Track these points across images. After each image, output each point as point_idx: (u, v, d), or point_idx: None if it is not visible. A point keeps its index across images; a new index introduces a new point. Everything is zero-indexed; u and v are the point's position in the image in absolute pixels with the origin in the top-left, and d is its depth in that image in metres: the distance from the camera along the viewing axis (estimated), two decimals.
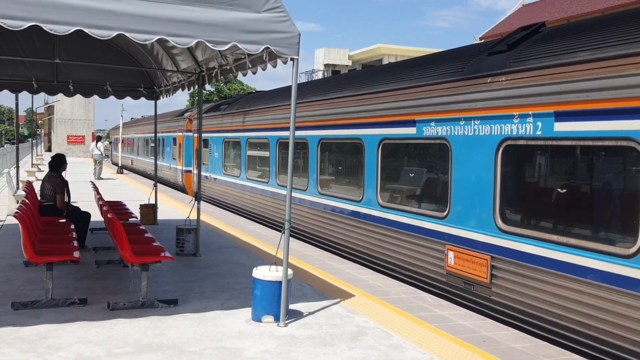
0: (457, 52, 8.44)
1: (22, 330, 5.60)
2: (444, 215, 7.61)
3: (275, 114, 13.45)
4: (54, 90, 12.28)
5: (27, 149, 50.96)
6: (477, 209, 7.05)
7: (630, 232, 5.31)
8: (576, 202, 6.19)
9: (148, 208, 12.94)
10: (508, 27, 29.76)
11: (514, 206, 6.83)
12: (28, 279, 7.61)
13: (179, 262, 8.83)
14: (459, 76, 7.46)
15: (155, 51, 10.43)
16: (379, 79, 9.66)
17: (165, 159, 26.47)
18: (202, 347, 5.30)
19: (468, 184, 7.22)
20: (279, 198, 13.15)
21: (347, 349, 5.39)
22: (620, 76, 5.36)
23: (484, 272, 6.88)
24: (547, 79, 6.11)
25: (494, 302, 6.81)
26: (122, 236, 6.37)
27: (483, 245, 6.93)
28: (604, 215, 5.86)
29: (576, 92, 5.79)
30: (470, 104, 7.16)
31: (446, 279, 7.58)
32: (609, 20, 6.14)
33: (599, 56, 5.62)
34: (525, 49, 6.74)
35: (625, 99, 5.30)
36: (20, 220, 6.25)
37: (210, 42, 5.62)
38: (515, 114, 6.49)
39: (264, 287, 6.05)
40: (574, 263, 5.78)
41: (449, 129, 7.52)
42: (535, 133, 6.24)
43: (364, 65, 44.57)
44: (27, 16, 4.96)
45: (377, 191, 9.21)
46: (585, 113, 5.68)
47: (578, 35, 6.21)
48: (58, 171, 9.88)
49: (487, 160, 6.89)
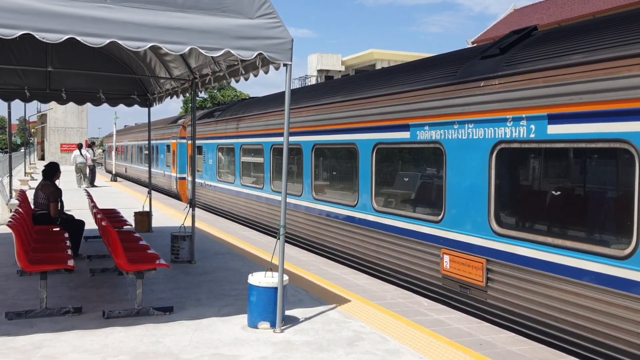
0: (450, 56, 8.47)
1: (17, 339, 5.56)
2: (439, 219, 7.62)
3: (269, 119, 13.47)
4: (47, 99, 12.23)
5: (20, 158, 50.74)
6: (472, 212, 7.06)
7: (624, 233, 5.33)
8: (570, 204, 6.21)
9: (142, 215, 12.90)
10: (500, 31, 29.93)
11: (509, 209, 6.84)
12: (22, 288, 7.56)
13: (174, 270, 8.80)
14: (452, 80, 7.47)
15: (148, 58, 10.42)
16: (372, 83, 9.68)
17: (159, 166, 26.43)
18: (198, 355, 5.27)
19: (463, 188, 7.22)
20: (274, 204, 13.14)
21: (344, 355, 5.38)
22: (613, 78, 5.38)
23: (479, 276, 6.89)
24: (540, 82, 6.13)
25: (490, 305, 6.82)
26: (117, 244, 6.34)
27: (478, 249, 6.93)
28: (598, 217, 5.88)
29: (569, 94, 5.80)
30: (464, 107, 7.17)
31: (442, 283, 7.58)
32: (601, 23, 6.18)
33: (592, 59, 5.63)
34: (518, 52, 6.76)
35: (618, 101, 5.31)
36: (13, 229, 6.22)
37: (204, 48, 5.63)
38: (508, 117, 6.51)
39: (259, 293, 6.03)
40: (569, 265, 5.79)
41: (443, 133, 7.53)
42: (529, 136, 6.26)
43: (357, 70, 44.67)
44: (19, 24, 4.95)
45: (371, 196, 9.22)
46: (579, 115, 5.70)
47: (570, 38, 6.23)
48: (52, 180, 9.85)
49: (481, 163, 6.91)
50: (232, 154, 16.20)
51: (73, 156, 26.75)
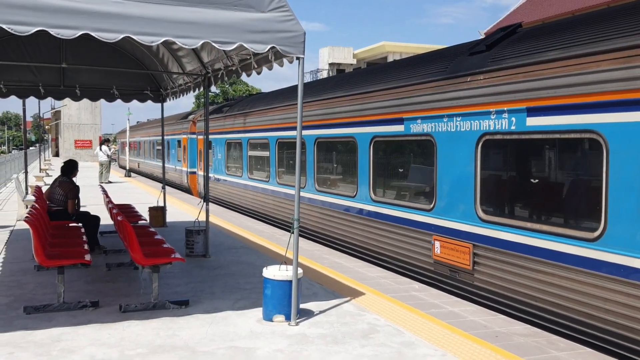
0: (442, 53, 8.84)
1: (35, 334, 5.63)
2: (431, 208, 8.05)
3: (274, 114, 13.94)
4: (61, 95, 12.33)
5: (35, 154, 51.19)
6: (460, 200, 7.48)
7: (594, 217, 5.73)
8: (548, 191, 6.59)
9: (157, 210, 12.99)
10: (512, 22, 29.65)
11: (493, 197, 7.22)
12: (39, 283, 7.65)
13: (189, 264, 8.85)
14: (442, 76, 7.85)
15: (161, 54, 10.46)
16: (370, 79, 10.06)
17: (170, 161, 26.70)
18: (214, 347, 5.31)
19: (452, 177, 7.64)
20: (279, 196, 13.65)
21: (359, 347, 5.39)
22: (583, 73, 5.75)
23: (466, 260, 7.32)
24: (520, 77, 6.51)
25: (477, 287, 7.22)
26: (133, 238, 6.39)
27: (466, 235, 7.36)
28: (571, 202, 6.32)
29: (545, 88, 6.18)
30: (453, 101, 7.55)
31: (434, 268, 8.01)
32: (577, 22, 6.50)
33: (564, 55, 6.04)
34: (502, 49, 7.10)
35: (588, 94, 5.71)
36: (30, 224, 6.28)
37: (217, 42, 5.63)
38: (492, 110, 6.89)
39: (274, 286, 6.05)
40: (547, 248, 6.19)
41: (434, 126, 7.94)
42: (510, 128, 6.65)
43: (368, 63, 44.47)
44: (33, 21, 4.98)
45: (369, 187, 9.65)
46: (554, 108, 6.09)
47: (549, 35, 6.58)
48: (70, 176, 9.91)
49: (468, 154, 7.31)
50: (240, 149, 16.68)
51: (96, 152, 27.44)
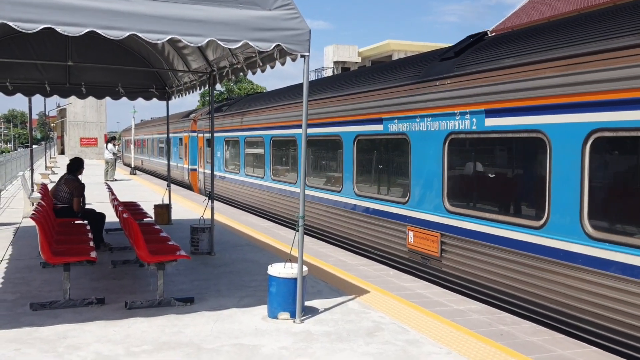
0: (417, 58, 9.64)
1: (41, 330, 5.66)
2: (406, 201, 8.78)
3: (269, 114, 14.53)
4: (67, 93, 12.35)
5: (40, 152, 51.36)
6: (430, 193, 8.20)
7: (540, 207, 6.42)
8: (503, 185, 7.30)
9: (162, 208, 13.02)
10: (517, 20, 29.56)
11: (458, 190, 7.86)
12: (45, 280, 7.68)
13: (194, 261, 8.88)
14: (415, 80, 8.54)
15: (166, 52, 10.47)
16: (355, 82, 10.73)
17: (172, 158, 26.97)
18: (219, 344, 5.32)
19: (423, 173, 8.34)
20: (273, 191, 14.37)
21: (364, 345, 5.39)
22: (529, 79, 6.43)
23: (435, 248, 8.06)
24: (480, 82, 7.18)
25: (444, 272, 7.91)
26: (138, 236, 6.41)
27: (435, 225, 8.08)
28: (522, 194, 7.03)
29: (500, 92, 6.87)
30: (424, 103, 8.24)
31: (408, 256, 8.72)
32: (535, 31, 7.07)
33: (514, 63, 6.70)
34: (468, 55, 7.74)
35: (534, 98, 6.39)
36: (37, 221, 6.30)
37: (222, 40, 5.64)
38: (457, 112, 7.58)
39: (279, 284, 6.06)
40: (502, 236, 6.88)
41: (408, 126, 8.65)
42: (471, 128, 7.35)
43: (373, 61, 44.40)
44: (39, 18, 5.00)
45: (353, 182, 10.36)
46: (507, 110, 6.78)
47: (507, 44, 7.20)
48: (75, 174, 9.93)
49: (437, 152, 8.01)
50: (237, 146, 17.30)
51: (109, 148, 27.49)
